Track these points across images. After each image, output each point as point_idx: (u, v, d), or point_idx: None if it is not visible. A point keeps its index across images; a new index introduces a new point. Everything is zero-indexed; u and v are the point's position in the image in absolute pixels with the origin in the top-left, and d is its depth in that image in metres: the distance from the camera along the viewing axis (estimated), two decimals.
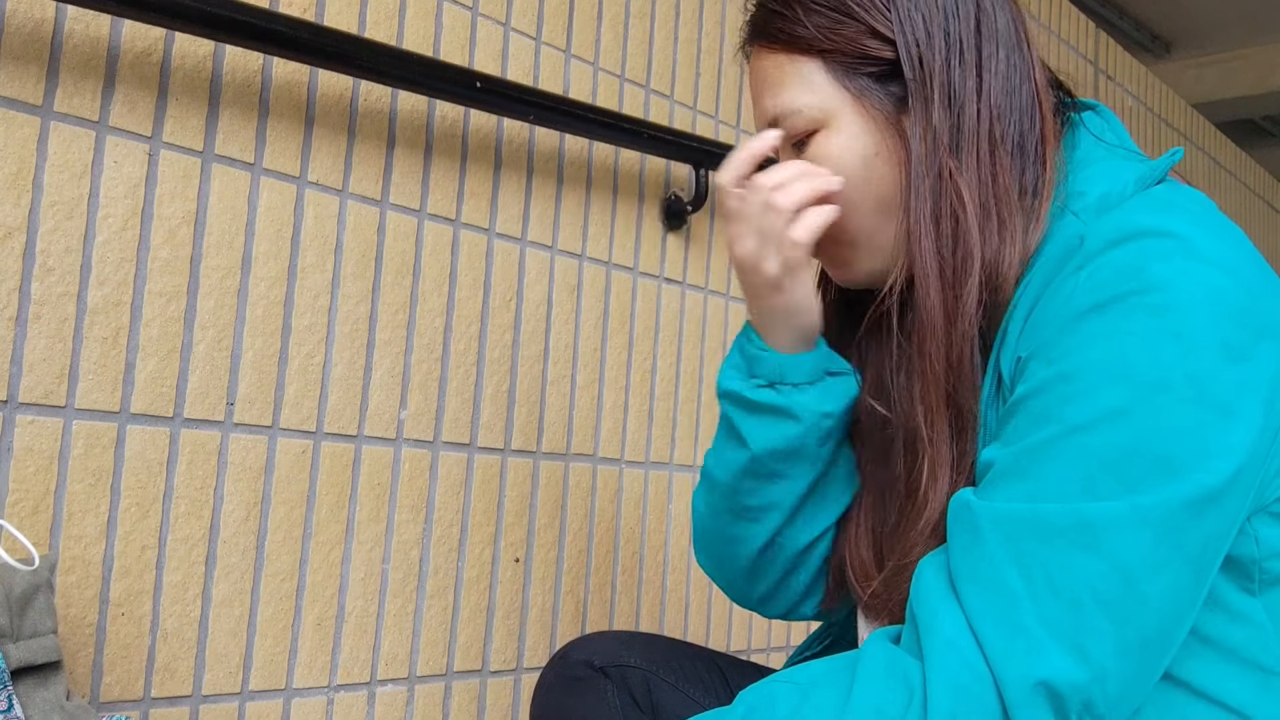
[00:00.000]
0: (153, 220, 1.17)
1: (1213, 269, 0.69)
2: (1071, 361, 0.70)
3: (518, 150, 1.53)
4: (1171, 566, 0.67)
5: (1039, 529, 0.69)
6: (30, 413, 1.08)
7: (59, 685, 0.98)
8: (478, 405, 1.47)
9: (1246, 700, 0.74)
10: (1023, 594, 0.68)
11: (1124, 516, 0.67)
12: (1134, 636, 0.67)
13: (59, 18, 1.11)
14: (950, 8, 0.80)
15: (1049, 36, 2.82)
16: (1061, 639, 0.67)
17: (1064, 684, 0.66)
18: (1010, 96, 0.80)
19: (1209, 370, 0.67)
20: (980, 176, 0.78)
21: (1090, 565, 0.67)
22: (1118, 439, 0.68)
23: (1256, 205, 4.04)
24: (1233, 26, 4.26)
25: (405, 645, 1.38)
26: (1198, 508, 0.67)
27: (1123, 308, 0.69)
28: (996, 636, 0.68)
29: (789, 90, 0.82)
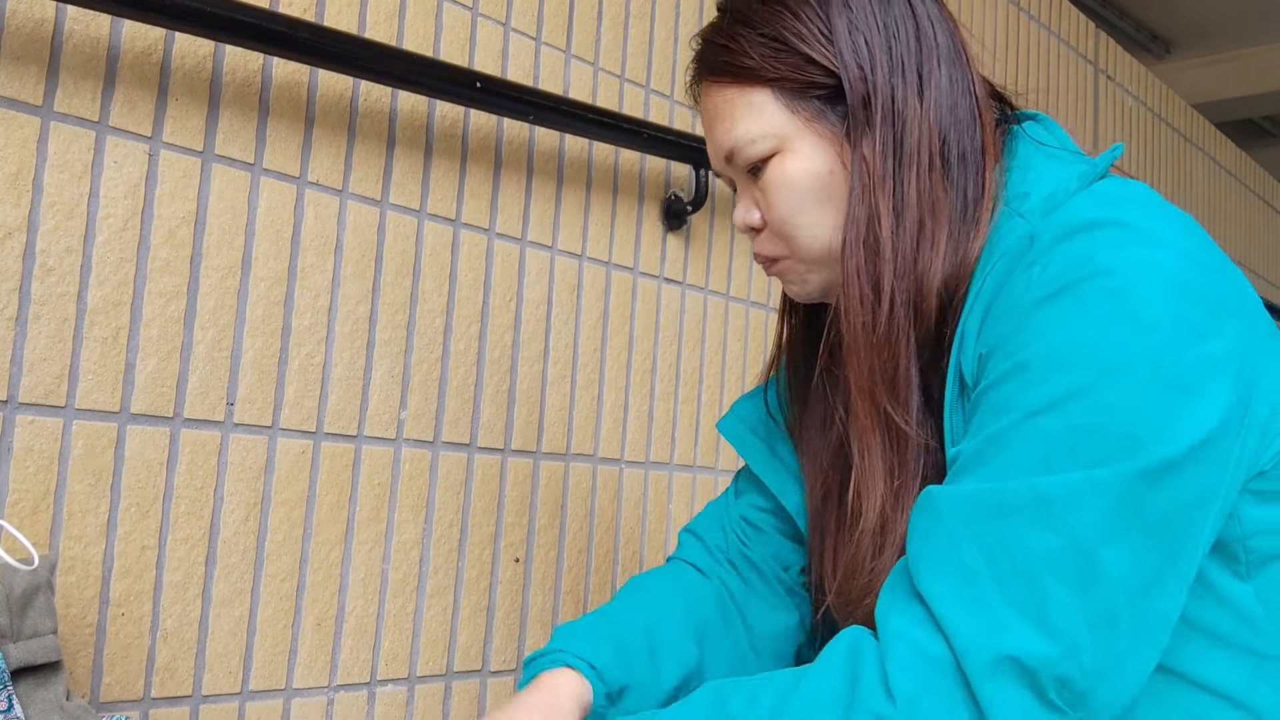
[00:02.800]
0: (153, 220, 1.17)
1: (1166, 251, 0.71)
2: (1029, 351, 0.71)
3: (518, 150, 1.53)
4: (1129, 536, 0.67)
5: (996, 507, 0.70)
6: (30, 413, 1.08)
7: (59, 685, 0.98)
8: (478, 405, 1.47)
9: (1240, 686, 0.74)
10: (984, 572, 0.69)
11: (1078, 488, 0.68)
12: (1101, 607, 0.67)
13: (59, 18, 1.11)
14: (891, 29, 0.82)
15: (1049, 36, 2.82)
16: (1025, 614, 0.67)
17: (1032, 658, 0.67)
18: (952, 111, 0.82)
19: (1168, 349, 0.68)
20: (918, 191, 0.80)
21: (1046, 539, 0.68)
22: (1075, 419, 0.69)
23: (1256, 205, 4.04)
24: (1233, 26, 4.26)
25: (405, 645, 1.38)
26: (1154, 476, 0.67)
27: (1077, 293, 0.70)
28: (958, 616, 0.69)
29: (741, 121, 0.84)
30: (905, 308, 0.80)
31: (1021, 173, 0.82)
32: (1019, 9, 2.70)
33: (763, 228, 0.87)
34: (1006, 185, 0.82)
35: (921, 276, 0.80)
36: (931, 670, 0.69)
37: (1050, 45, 2.83)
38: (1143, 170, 3.24)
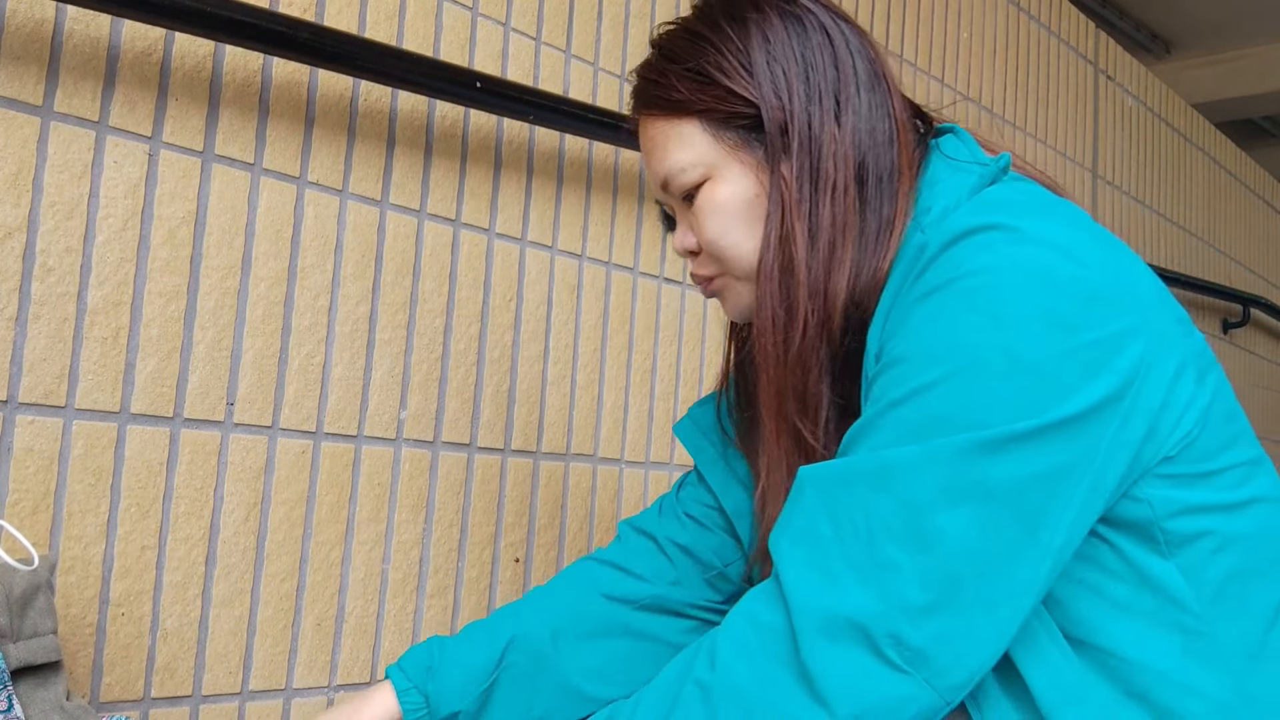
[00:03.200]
0: (153, 220, 1.17)
1: (1036, 247, 0.74)
2: (899, 350, 0.76)
3: (518, 150, 1.53)
4: (970, 503, 0.70)
5: (844, 477, 0.74)
6: (30, 413, 1.08)
7: (59, 685, 0.98)
8: (478, 405, 1.47)
9: (1171, 663, 0.75)
10: (829, 538, 0.73)
11: (916, 457, 0.71)
12: (936, 568, 0.70)
13: (59, 18, 1.11)
14: (810, 60, 0.86)
15: (1049, 36, 2.82)
16: (861, 575, 0.71)
17: (862, 614, 0.70)
18: (870, 135, 0.86)
19: (1026, 341, 0.71)
20: (832, 214, 0.84)
21: (884, 503, 0.71)
22: (929, 408, 0.72)
23: (1256, 205, 4.04)
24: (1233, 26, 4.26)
25: (405, 645, 1.38)
26: (994, 447, 0.70)
27: (944, 294, 0.74)
28: (799, 578, 0.73)
29: (673, 151, 0.89)
30: (817, 328, 0.84)
31: (929, 188, 0.86)
32: (1019, 9, 2.70)
33: (699, 251, 0.92)
34: (916, 201, 0.86)
35: (832, 297, 0.84)
36: (760, 635, 0.73)
37: (1050, 45, 2.83)
38: (1143, 170, 3.25)
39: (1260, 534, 0.79)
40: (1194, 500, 0.76)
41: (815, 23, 0.88)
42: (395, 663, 1.05)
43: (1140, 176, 3.23)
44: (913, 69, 2.31)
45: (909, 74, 2.29)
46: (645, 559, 1.08)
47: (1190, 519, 0.76)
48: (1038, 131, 2.74)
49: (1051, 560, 0.72)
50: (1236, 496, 0.78)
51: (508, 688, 1.03)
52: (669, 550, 1.08)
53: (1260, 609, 0.78)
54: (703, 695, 0.74)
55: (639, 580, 1.07)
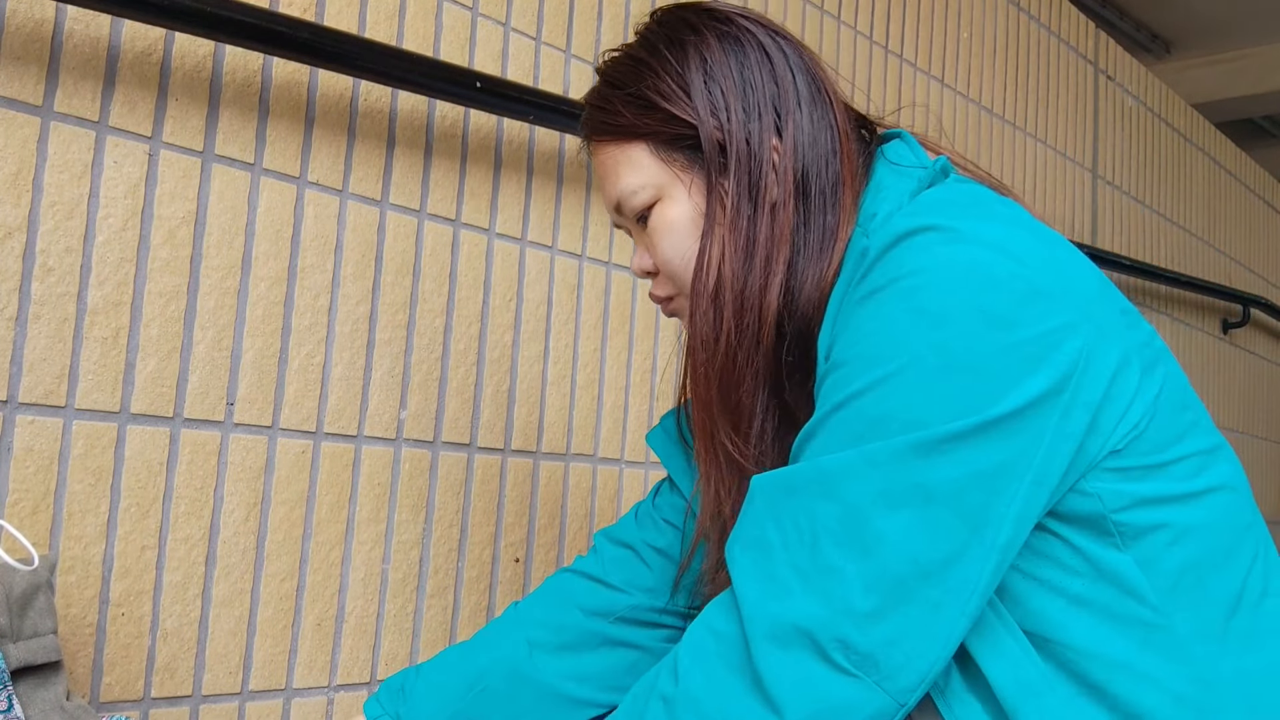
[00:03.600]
0: (153, 220, 1.17)
1: (971, 246, 0.74)
2: (840, 354, 0.77)
3: (518, 150, 1.53)
4: (910, 506, 0.71)
5: (790, 486, 0.75)
6: (30, 413, 1.08)
7: (59, 685, 0.98)
8: (478, 405, 1.47)
9: (1130, 655, 0.76)
10: (776, 545, 0.74)
11: (854, 462, 0.72)
12: (879, 572, 0.70)
13: (59, 18, 1.11)
14: (748, 78, 0.88)
15: (1049, 36, 2.82)
16: (805, 581, 0.72)
17: (807, 619, 0.71)
18: (813, 147, 0.87)
19: (960, 338, 0.72)
20: (769, 229, 0.86)
21: (826, 509, 0.72)
22: (866, 409, 0.73)
23: (1256, 205, 4.04)
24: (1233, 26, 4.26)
25: (405, 645, 1.38)
26: (931, 448, 0.71)
27: (880, 297, 0.75)
28: (748, 587, 0.74)
29: (623, 175, 0.91)
30: (751, 343, 0.85)
31: (874, 193, 0.87)
32: (1019, 9, 2.70)
33: (656, 272, 0.94)
34: (861, 207, 0.87)
35: (765, 311, 0.85)
36: (716, 644, 0.74)
37: (1050, 45, 2.83)
38: (1143, 170, 3.25)
39: (1217, 523, 0.79)
40: (1146, 492, 0.76)
41: (753, 41, 0.89)
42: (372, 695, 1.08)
43: (1140, 176, 3.23)
44: (913, 69, 2.31)
45: (909, 74, 2.29)
46: (622, 568, 1.09)
47: (1143, 511, 0.76)
48: (1038, 131, 2.74)
49: (997, 558, 0.72)
50: (1191, 486, 0.78)
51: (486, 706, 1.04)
52: (646, 556, 1.09)
53: (1219, 598, 0.78)
54: (666, 709, 0.75)
55: (616, 591, 1.07)
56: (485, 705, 1.04)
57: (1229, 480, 0.81)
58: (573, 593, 1.08)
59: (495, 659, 1.06)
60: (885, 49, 2.22)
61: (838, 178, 0.87)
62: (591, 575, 1.09)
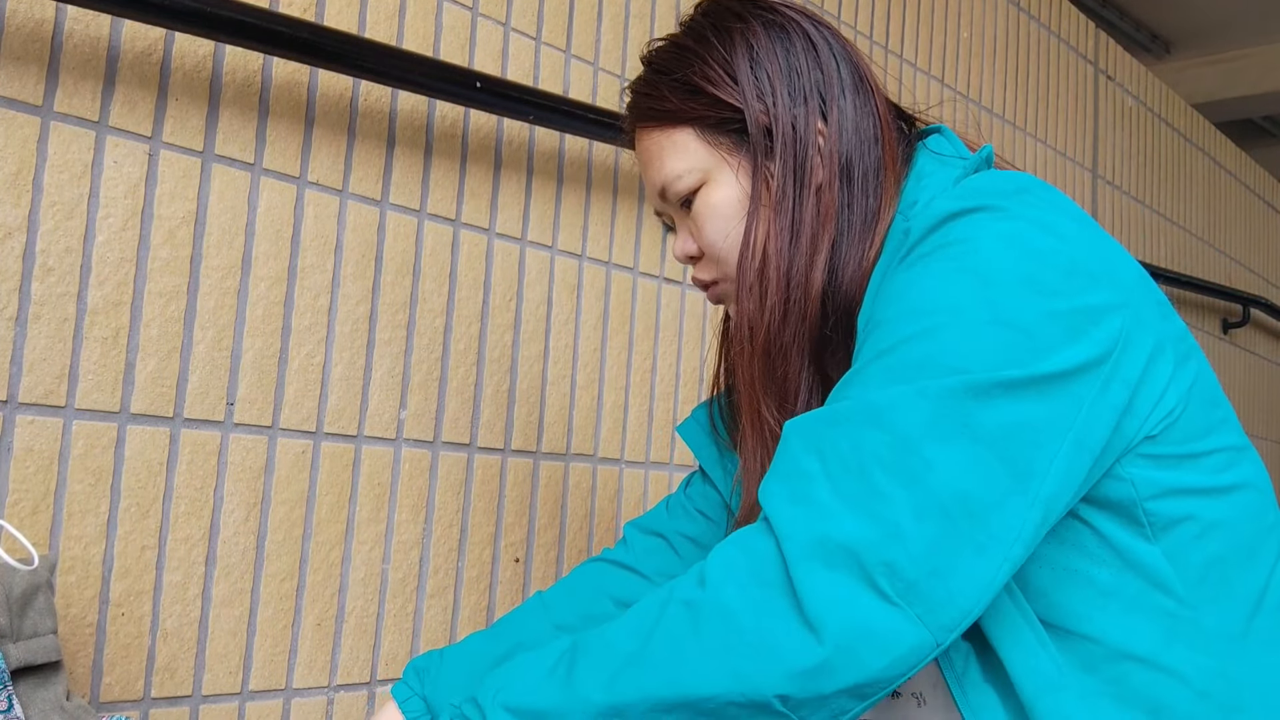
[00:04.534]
0: (153, 220, 1.17)
1: (1019, 222, 0.76)
2: (882, 313, 0.78)
3: (518, 150, 1.53)
4: (959, 441, 0.70)
5: (832, 419, 0.74)
6: (30, 413, 1.08)
7: (59, 685, 0.98)
8: (478, 405, 1.47)
9: (1154, 646, 0.76)
10: (817, 473, 0.72)
11: (905, 394, 0.72)
12: (928, 500, 0.69)
13: (59, 18, 1.11)
14: (794, 64, 0.90)
15: (1049, 36, 2.82)
16: (852, 505, 0.70)
17: (854, 540, 0.69)
18: (856, 133, 0.90)
19: (1008, 298, 0.73)
20: (815, 210, 0.87)
21: (875, 437, 0.71)
22: (913, 354, 0.74)
23: (1256, 205, 4.04)
24: (1233, 26, 4.26)
25: (405, 645, 1.38)
26: (983, 391, 0.71)
27: (927, 260, 0.77)
28: (786, 510, 0.72)
29: (669, 159, 0.92)
30: (797, 320, 0.87)
31: (916, 181, 0.89)
32: (1019, 9, 2.70)
33: (700, 256, 0.95)
34: (903, 194, 0.89)
35: (811, 288, 0.86)
36: (749, 560, 0.72)
37: (1050, 45, 2.83)
38: (1143, 170, 3.25)
39: (1243, 520, 0.79)
40: (1177, 482, 0.77)
41: (798, 29, 0.91)
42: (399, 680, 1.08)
43: (1140, 176, 3.23)
44: (913, 69, 2.31)
45: (909, 74, 2.29)
46: (653, 557, 1.10)
47: (1173, 501, 0.77)
48: (1038, 131, 2.74)
49: (1041, 510, 0.71)
50: (1220, 481, 0.79)
51: None
52: (678, 545, 1.09)
53: (1244, 595, 0.78)
54: (689, 613, 0.72)
55: (647, 581, 1.08)
56: None
57: (1254, 479, 0.82)
58: (603, 581, 1.09)
59: (522, 643, 1.06)
60: (885, 49, 2.22)
61: (880, 163, 0.89)
62: (623, 564, 1.10)
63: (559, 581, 1.12)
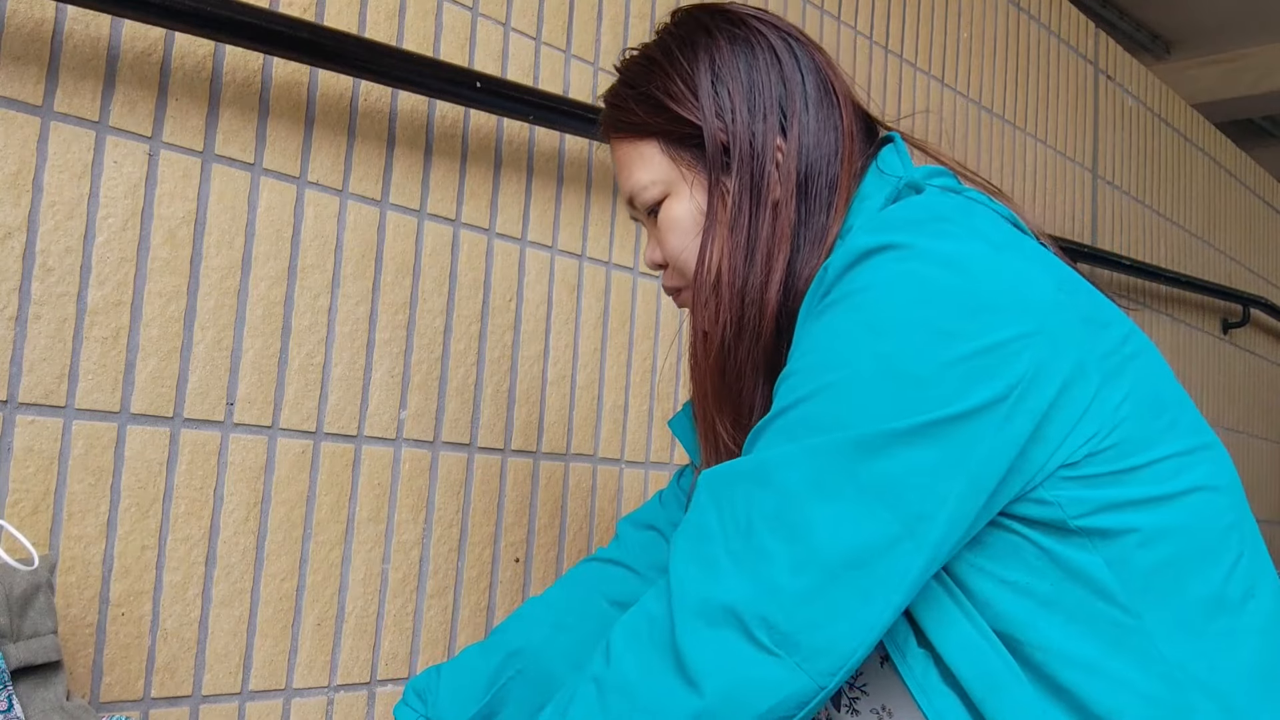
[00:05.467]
0: (153, 220, 1.17)
1: (920, 263, 0.76)
2: (792, 365, 0.79)
3: (518, 150, 1.53)
4: (843, 495, 0.73)
5: (731, 475, 0.77)
6: (30, 413, 1.08)
7: (59, 685, 0.98)
8: (478, 405, 1.47)
9: (1099, 654, 0.76)
10: (715, 532, 0.76)
11: (792, 453, 0.75)
12: (807, 554, 0.72)
13: (59, 18, 1.11)
14: (756, 81, 0.90)
15: (1049, 36, 2.82)
16: (738, 563, 0.73)
17: (733, 598, 0.72)
18: (817, 148, 0.90)
19: (903, 349, 0.74)
20: (770, 228, 0.88)
21: (763, 496, 0.75)
22: (808, 412, 0.76)
23: (1256, 205, 4.04)
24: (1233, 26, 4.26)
25: (405, 645, 1.38)
26: (871, 444, 0.73)
27: (832, 311, 0.78)
28: (683, 569, 0.76)
29: (636, 170, 0.94)
30: (750, 336, 0.88)
31: (859, 201, 0.90)
32: (1019, 9, 2.70)
33: (665, 264, 0.96)
34: (849, 213, 0.90)
35: (766, 306, 0.87)
36: (647, 625, 0.76)
37: (1050, 45, 2.83)
38: (1143, 170, 3.25)
39: (1195, 524, 0.79)
40: (1112, 497, 0.77)
41: (764, 43, 0.91)
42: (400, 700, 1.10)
43: (1140, 176, 3.23)
44: (913, 69, 2.31)
45: (909, 74, 2.29)
46: (646, 551, 1.11)
47: (1110, 515, 0.77)
48: (1038, 131, 2.74)
49: (929, 553, 0.73)
50: (1165, 489, 0.78)
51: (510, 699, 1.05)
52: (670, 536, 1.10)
53: (1197, 598, 0.78)
54: (597, 690, 0.77)
55: (639, 576, 1.09)
56: (509, 698, 1.05)
57: (1210, 480, 0.81)
58: (598, 581, 1.10)
59: (517, 652, 1.07)
60: (885, 49, 2.22)
61: (836, 179, 0.89)
62: (617, 561, 1.11)
63: (554, 584, 1.13)
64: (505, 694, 1.06)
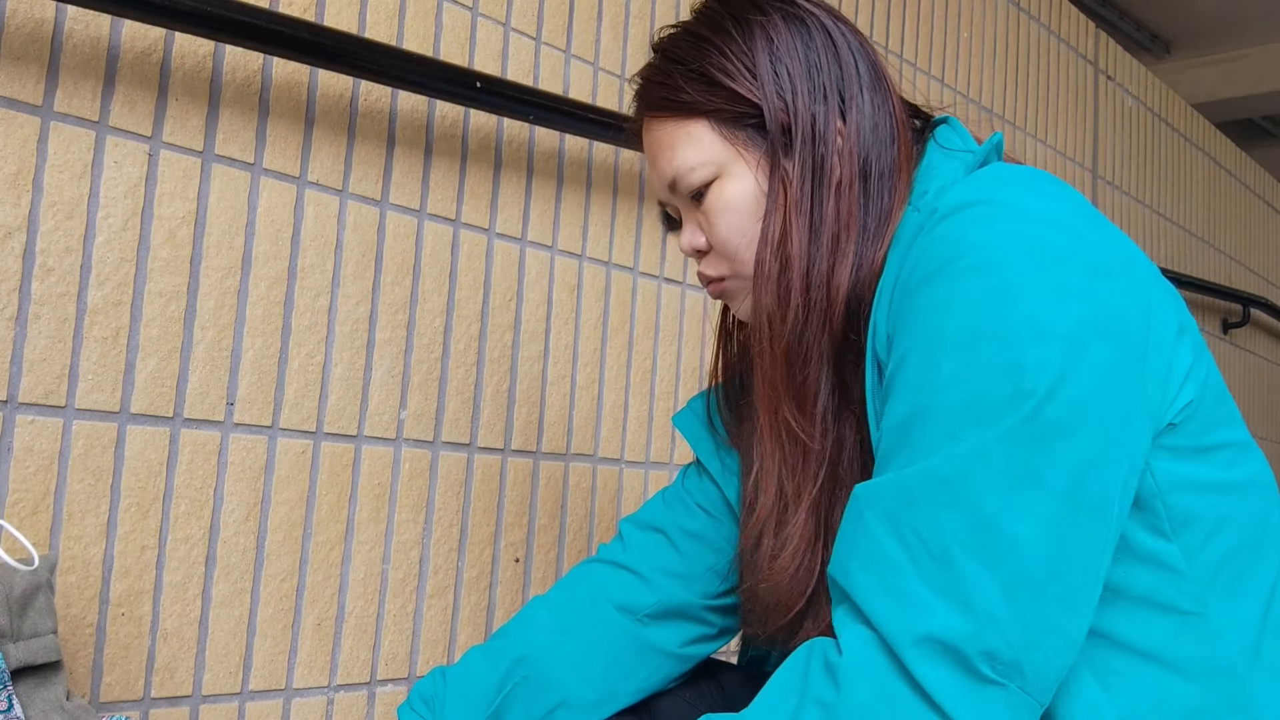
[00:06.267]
0: (153, 220, 1.17)
1: (1032, 223, 0.74)
2: (917, 335, 0.76)
3: (518, 150, 1.53)
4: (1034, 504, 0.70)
5: (905, 495, 0.73)
6: (30, 413, 1.08)
7: (59, 685, 0.98)
8: (478, 405, 1.47)
9: (1163, 644, 0.76)
10: (903, 561, 0.72)
11: (967, 458, 0.71)
12: (1016, 578, 0.69)
13: (59, 18, 1.11)
14: (814, 60, 0.88)
15: (1049, 36, 2.82)
16: (944, 595, 0.70)
17: (952, 634, 0.69)
18: (874, 132, 0.88)
19: (1043, 310, 0.72)
20: (836, 209, 0.86)
21: (953, 519, 0.71)
22: (969, 391, 0.72)
23: (1256, 205, 4.04)
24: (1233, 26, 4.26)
25: (405, 645, 1.38)
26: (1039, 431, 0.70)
27: (948, 274, 0.74)
28: (882, 605, 0.72)
29: (682, 151, 0.90)
30: (819, 322, 0.86)
31: (924, 174, 0.88)
32: (1019, 9, 2.70)
33: (708, 250, 0.92)
34: (913, 188, 0.88)
35: (835, 290, 0.85)
36: (870, 651, 0.73)
37: (1050, 45, 2.83)
38: (1143, 170, 3.25)
39: (1252, 516, 0.79)
40: (1193, 475, 0.77)
41: (817, 24, 0.89)
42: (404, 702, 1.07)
43: (1140, 176, 3.23)
44: (913, 69, 2.31)
45: (909, 74, 2.29)
46: (651, 554, 1.08)
47: (1189, 495, 0.77)
48: (1038, 131, 2.74)
49: (1110, 547, 0.73)
50: (1231, 476, 0.79)
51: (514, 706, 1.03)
52: (677, 540, 1.08)
53: (1256, 591, 0.78)
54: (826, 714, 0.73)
55: (644, 581, 1.06)
56: (514, 704, 1.04)
57: (1260, 476, 0.82)
58: (602, 584, 1.07)
59: (524, 657, 1.05)
60: (885, 49, 2.22)
61: (895, 163, 0.88)
62: (620, 564, 1.08)
63: (557, 585, 1.11)
64: (510, 701, 1.04)
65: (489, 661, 1.06)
